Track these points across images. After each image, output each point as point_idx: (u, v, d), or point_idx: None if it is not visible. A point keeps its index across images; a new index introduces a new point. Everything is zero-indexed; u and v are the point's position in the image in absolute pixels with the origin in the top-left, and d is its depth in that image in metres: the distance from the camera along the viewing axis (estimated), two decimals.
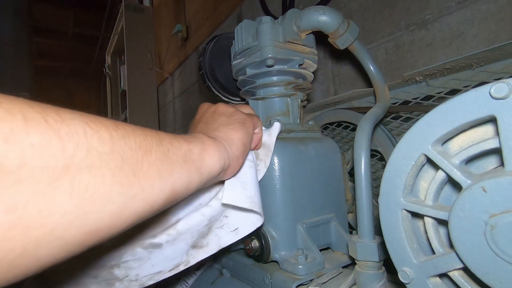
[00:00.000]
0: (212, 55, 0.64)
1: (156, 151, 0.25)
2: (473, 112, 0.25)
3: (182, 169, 0.27)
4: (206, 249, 0.39)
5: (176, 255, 0.38)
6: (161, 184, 0.25)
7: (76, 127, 0.19)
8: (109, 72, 3.19)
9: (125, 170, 0.21)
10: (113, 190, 0.20)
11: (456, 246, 0.26)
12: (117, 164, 0.21)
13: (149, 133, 0.25)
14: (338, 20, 0.52)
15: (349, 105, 0.75)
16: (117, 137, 0.21)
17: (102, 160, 0.20)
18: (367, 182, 0.41)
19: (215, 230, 0.40)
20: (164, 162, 0.25)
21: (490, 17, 0.60)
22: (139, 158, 0.23)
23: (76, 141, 0.18)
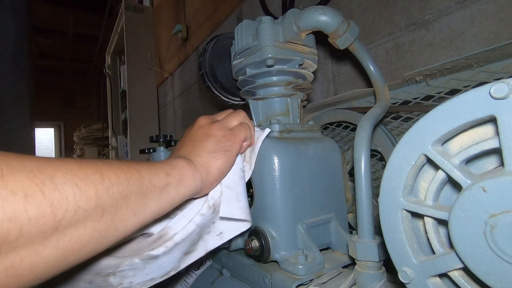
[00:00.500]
0: (212, 55, 0.64)
1: (135, 193, 0.29)
2: (473, 112, 0.25)
3: (156, 204, 0.32)
4: (194, 254, 0.41)
5: (169, 263, 0.40)
6: (134, 221, 0.29)
7: (67, 193, 0.23)
8: (109, 72, 3.19)
9: (104, 219, 0.25)
10: (92, 237, 0.25)
11: (456, 246, 0.26)
12: (98, 215, 0.25)
13: (132, 175, 0.29)
14: (338, 20, 0.52)
15: (349, 105, 0.75)
16: (101, 191, 0.25)
17: (86, 215, 0.24)
18: (367, 182, 0.41)
19: (204, 236, 0.42)
20: (141, 202, 0.29)
21: (490, 17, 0.60)
22: (119, 205, 0.27)
23: (65, 207, 0.22)
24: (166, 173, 0.34)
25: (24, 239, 0.20)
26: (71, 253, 0.23)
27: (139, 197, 0.29)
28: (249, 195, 0.49)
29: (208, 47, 0.65)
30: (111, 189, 0.26)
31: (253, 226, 0.49)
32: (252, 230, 0.49)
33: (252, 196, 0.49)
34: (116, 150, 2.82)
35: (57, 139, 6.47)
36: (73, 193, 0.23)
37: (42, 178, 0.22)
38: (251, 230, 0.49)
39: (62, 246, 0.22)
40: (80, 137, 5.05)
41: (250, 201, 0.49)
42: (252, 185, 0.49)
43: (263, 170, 0.48)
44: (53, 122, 6.33)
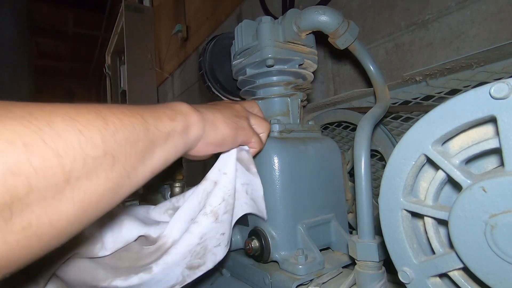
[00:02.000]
0: (212, 55, 0.64)
1: (142, 140, 0.27)
2: (473, 112, 0.25)
3: (162, 150, 0.30)
4: (202, 267, 0.40)
5: (170, 278, 0.39)
6: (143, 168, 0.28)
7: (71, 139, 0.21)
8: (109, 72, 3.19)
9: (116, 167, 0.24)
10: (106, 187, 0.23)
11: (456, 246, 0.26)
12: (108, 163, 0.23)
13: (136, 120, 0.27)
14: (338, 20, 0.52)
15: (349, 105, 0.75)
16: (107, 137, 0.23)
17: (96, 164, 0.22)
18: (367, 182, 0.41)
19: (212, 249, 0.40)
20: (148, 149, 0.28)
21: (490, 17, 0.60)
22: (127, 152, 0.25)
23: (73, 155, 0.20)
24: (171, 118, 0.31)
25: (35, 195, 0.18)
26: (89, 206, 0.22)
27: (146, 143, 0.27)
28: None
29: (208, 47, 0.65)
30: (117, 134, 0.24)
31: (253, 226, 0.49)
32: (252, 230, 0.49)
33: None
34: None
35: None
36: (78, 140, 0.21)
37: (38, 125, 0.19)
38: (251, 230, 0.49)
39: (78, 199, 0.21)
40: None
41: None
42: None
43: (263, 170, 0.48)
44: None
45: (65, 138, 0.20)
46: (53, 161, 0.19)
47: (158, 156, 0.29)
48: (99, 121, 0.23)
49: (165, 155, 0.30)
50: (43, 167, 0.19)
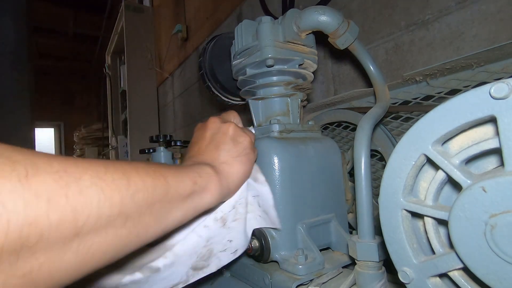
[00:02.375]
0: (212, 55, 0.64)
1: (160, 201, 0.28)
2: (473, 112, 0.25)
3: (179, 212, 0.30)
4: (206, 269, 0.41)
5: (175, 277, 0.39)
6: (156, 228, 0.28)
7: (92, 198, 0.22)
8: (109, 72, 3.19)
9: (127, 225, 0.24)
10: (112, 243, 0.23)
11: (456, 246, 0.26)
12: (121, 222, 0.24)
13: (159, 182, 0.28)
14: (338, 20, 0.52)
15: (349, 105, 0.75)
16: (126, 198, 0.24)
17: (108, 222, 0.23)
18: (367, 182, 0.41)
19: (218, 253, 0.41)
20: (165, 210, 0.28)
21: (490, 17, 0.60)
22: (142, 212, 0.26)
23: (88, 213, 0.21)
24: (193, 181, 0.33)
25: (43, 244, 0.19)
26: (91, 259, 0.22)
27: (163, 204, 0.28)
28: None
29: (208, 47, 0.65)
30: (137, 195, 0.25)
31: None
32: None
33: None
34: (116, 150, 2.82)
35: (57, 139, 6.46)
36: (98, 199, 0.22)
37: (67, 180, 0.21)
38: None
39: (82, 252, 0.21)
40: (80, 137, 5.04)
41: None
42: None
43: (263, 170, 0.48)
44: (53, 122, 6.32)
45: (86, 196, 0.21)
46: (69, 216, 0.20)
47: (174, 216, 0.30)
48: (123, 181, 0.24)
49: (182, 216, 0.31)
50: (58, 221, 0.20)
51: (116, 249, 0.24)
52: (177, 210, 0.30)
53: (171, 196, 0.29)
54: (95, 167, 0.23)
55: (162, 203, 0.28)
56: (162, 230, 0.29)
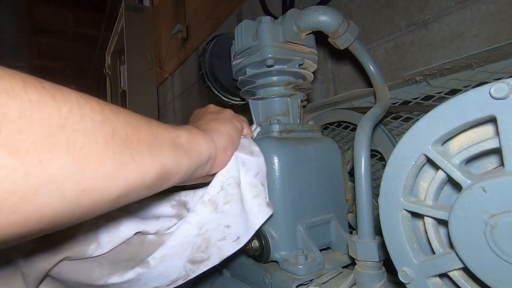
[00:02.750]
0: (212, 55, 0.64)
1: (145, 130, 0.26)
2: (473, 112, 0.25)
3: (171, 151, 0.29)
4: (207, 262, 0.39)
5: (170, 272, 0.37)
6: (152, 160, 0.26)
7: (69, 95, 0.21)
8: (109, 72, 3.19)
9: (116, 140, 0.23)
10: (105, 154, 0.22)
11: (456, 246, 0.26)
12: (108, 133, 0.22)
13: (137, 115, 0.27)
14: (338, 20, 0.52)
15: (349, 105, 0.75)
16: (107, 110, 0.23)
17: (94, 127, 0.21)
18: (367, 182, 0.41)
19: (217, 243, 0.39)
20: (153, 142, 0.27)
21: (490, 17, 0.60)
22: (129, 133, 0.24)
23: (69, 106, 0.20)
24: (173, 127, 0.32)
25: (27, 122, 0.18)
26: (86, 165, 0.21)
27: (149, 135, 0.27)
28: None
29: (208, 47, 0.65)
30: (117, 113, 0.24)
31: None
32: None
33: None
34: None
35: None
36: (76, 99, 0.21)
37: (39, 79, 0.20)
38: None
39: (73, 151, 0.20)
40: None
41: None
42: None
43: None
44: None
45: (63, 92, 0.21)
46: (49, 101, 0.19)
47: (168, 155, 0.28)
48: (99, 100, 0.24)
49: (175, 157, 0.29)
50: (39, 101, 0.19)
51: (113, 164, 0.22)
52: (168, 149, 0.29)
53: (155, 130, 0.28)
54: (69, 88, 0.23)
55: (148, 133, 0.26)
56: (161, 167, 0.27)
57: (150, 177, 0.26)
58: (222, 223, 0.39)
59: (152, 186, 0.28)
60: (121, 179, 0.23)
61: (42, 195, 0.19)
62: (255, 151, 0.44)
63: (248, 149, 0.43)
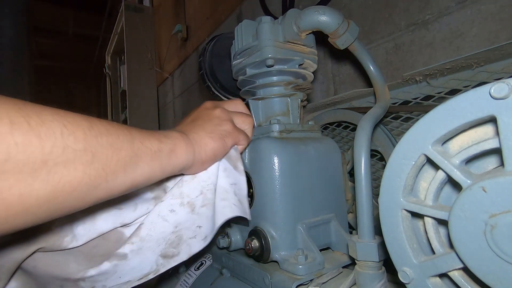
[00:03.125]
0: (212, 55, 0.64)
1: (126, 149, 0.28)
2: (473, 112, 0.25)
3: (147, 167, 0.31)
4: (176, 258, 0.40)
5: (144, 265, 0.38)
6: (124, 177, 0.28)
7: (54, 129, 0.23)
8: (109, 72, 3.19)
9: (95, 165, 0.25)
10: (82, 181, 0.24)
11: (456, 246, 0.26)
12: (88, 160, 0.24)
13: (122, 132, 0.29)
14: (338, 20, 0.52)
15: (349, 105, 0.75)
16: (90, 137, 0.25)
17: (75, 156, 0.23)
18: (367, 182, 0.41)
19: (187, 240, 0.40)
20: (132, 159, 0.29)
21: (490, 17, 0.60)
22: (109, 155, 0.26)
23: (53, 141, 0.22)
24: (158, 140, 0.33)
25: (11, 165, 0.20)
26: (61, 193, 0.23)
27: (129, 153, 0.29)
28: (249, 195, 0.49)
29: (208, 47, 0.65)
30: (100, 137, 0.26)
31: (253, 226, 0.49)
32: (252, 230, 0.49)
33: (252, 196, 0.49)
34: None
35: None
36: (61, 131, 0.23)
37: (28, 112, 0.22)
38: (251, 230, 0.49)
39: (52, 183, 0.22)
40: None
41: (250, 201, 0.49)
42: (252, 185, 0.49)
43: (263, 170, 0.48)
44: None
45: (49, 127, 0.22)
46: (34, 140, 0.21)
47: (142, 170, 0.30)
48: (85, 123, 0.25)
49: (149, 171, 0.32)
50: (24, 143, 0.20)
51: (85, 187, 0.25)
52: (144, 165, 0.31)
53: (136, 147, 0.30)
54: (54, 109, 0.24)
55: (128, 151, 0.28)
56: (131, 183, 0.30)
57: (118, 192, 0.29)
58: (196, 223, 0.41)
59: (119, 196, 0.30)
60: (91, 198, 0.26)
61: (20, 219, 0.22)
62: (239, 167, 0.45)
63: (234, 162, 0.45)
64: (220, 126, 0.43)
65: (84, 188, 0.25)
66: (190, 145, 0.37)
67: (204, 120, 0.43)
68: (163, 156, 0.33)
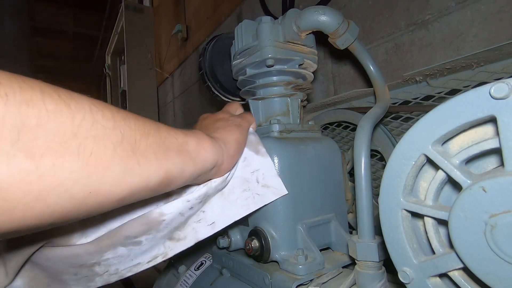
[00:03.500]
0: (212, 55, 0.64)
1: (153, 136, 0.28)
2: (473, 112, 0.25)
3: (177, 156, 0.30)
4: (183, 242, 0.40)
5: (154, 248, 0.39)
6: (157, 165, 0.27)
7: (83, 104, 0.22)
8: (109, 72, 3.19)
9: (124, 145, 0.24)
10: (113, 160, 0.23)
11: (456, 246, 0.26)
12: (117, 139, 0.24)
13: (148, 120, 0.28)
14: (338, 20, 0.52)
15: (349, 105, 0.75)
16: (118, 117, 0.25)
17: (105, 133, 0.23)
18: (367, 182, 0.41)
19: (192, 223, 0.40)
20: (161, 147, 0.28)
21: (490, 17, 0.60)
22: (137, 138, 0.26)
23: (83, 114, 0.22)
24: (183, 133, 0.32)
25: (43, 130, 0.19)
26: (95, 170, 0.22)
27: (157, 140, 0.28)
28: None
29: (208, 47, 0.65)
30: (128, 120, 0.25)
31: (253, 226, 0.49)
32: (252, 230, 0.49)
33: None
34: None
35: None
36: (90, 107, 0.23)
37: (56, 87, 0.22)
38: (251, 230, 0.49)
39: (83, 157, 0.21)
40: None
41: None
42: None
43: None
44: None
45: (78, 101, 0.22)
46: (64, 110, 0.21)
47: (173, 161, 0.29)
48: (112, 106, 0.25)
49: (181, 163, 0.30)
50: (55, 111, 0.20)
51: (119, 169, 0.24)
52: (174, 155, 0.29)
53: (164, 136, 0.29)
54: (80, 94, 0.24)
55: (156, 138, 0.28)
56: (165, 173, 0.28)
57: (154, 181, 0.28)
58: (200, 208, 0.41)
59: (155, 189, 0.29)
60: (126, 183, 0.25)
61: (53, 195, 0.21)
62: (261, 150, 0.45)
63: (255, 147, 0.45)
64: (229, 121, 0.44)
65: (117, 168, 0.24)
66: (215, 141, 0.36)
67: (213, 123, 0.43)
68: (191, 148, 0.32)
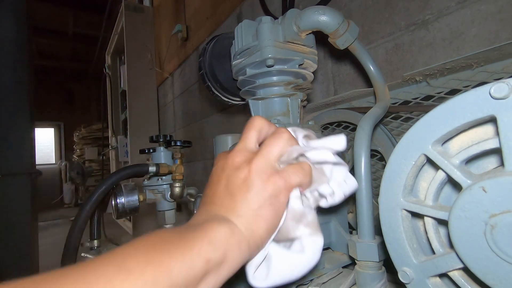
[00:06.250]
0: (212, 55, 0.64)
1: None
2: (473, 112, 0.25)
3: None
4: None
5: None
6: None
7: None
8: (109, 72, 3.19)
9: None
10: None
11: (456, 246, 0.26)
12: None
13: (161, 275, 0.25)
14: (338, 20, 0.52)
15: (349, 105, 0.75)
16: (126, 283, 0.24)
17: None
18: (367, 182, 0.41)
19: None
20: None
21: (490, 17, 0.60)
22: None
23: None
24: (206, 259, 0.27)
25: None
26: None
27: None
28: None
29: (208, 47, 0.65)
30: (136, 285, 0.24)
31: None
32: None
33: None
34: (116, 150, 2.82)
35: (57, 139, 6.47)
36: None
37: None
38: None
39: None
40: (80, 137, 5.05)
41: None
42: None
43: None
44: (53, 122, 6.33)
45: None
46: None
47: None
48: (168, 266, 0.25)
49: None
50: None
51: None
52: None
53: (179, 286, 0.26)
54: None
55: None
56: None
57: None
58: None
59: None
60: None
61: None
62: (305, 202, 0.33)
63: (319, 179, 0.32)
64: (266, 192, 0.31)
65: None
66: (243, 240, 0.30)
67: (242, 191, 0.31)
68: (212, 275, 0.28)
